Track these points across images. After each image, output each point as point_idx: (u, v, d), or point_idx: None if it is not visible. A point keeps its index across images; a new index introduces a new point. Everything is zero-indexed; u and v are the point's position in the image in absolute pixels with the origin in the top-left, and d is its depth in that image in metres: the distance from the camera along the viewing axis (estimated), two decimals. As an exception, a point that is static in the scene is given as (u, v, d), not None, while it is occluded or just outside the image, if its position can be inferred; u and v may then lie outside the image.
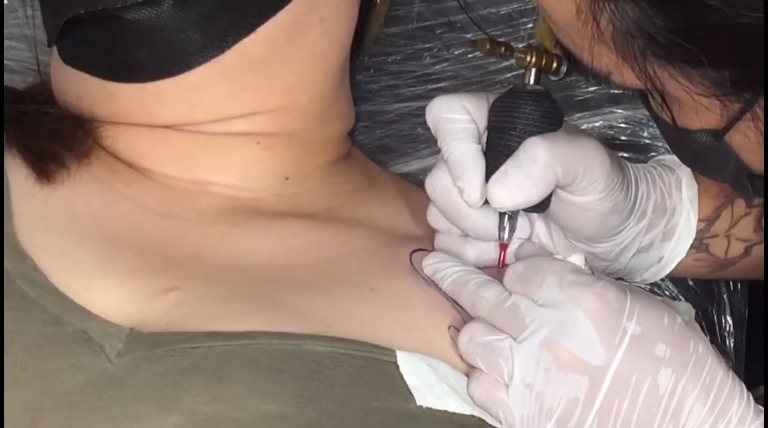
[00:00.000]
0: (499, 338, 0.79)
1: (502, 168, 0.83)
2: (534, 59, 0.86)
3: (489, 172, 0.84)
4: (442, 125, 0.86)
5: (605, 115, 1.10)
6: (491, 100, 0.87)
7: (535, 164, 0.82)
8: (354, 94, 1.05)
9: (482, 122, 0.87)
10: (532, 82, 0.86)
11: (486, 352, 0.79)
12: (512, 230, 0.87)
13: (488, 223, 0.87)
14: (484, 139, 0.87)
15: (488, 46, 0.86)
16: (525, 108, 0.85)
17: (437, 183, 0.87)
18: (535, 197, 0.83)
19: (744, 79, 0.66)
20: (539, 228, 0.91)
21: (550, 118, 0.85)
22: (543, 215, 0.90)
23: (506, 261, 0.88)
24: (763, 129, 0.68)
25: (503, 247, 0.88)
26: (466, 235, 0.89)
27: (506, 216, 0.86)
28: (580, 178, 0.84)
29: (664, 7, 0.64)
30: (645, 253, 0.94)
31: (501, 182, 0.82)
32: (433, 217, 0.90)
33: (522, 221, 0.89)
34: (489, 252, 0.89)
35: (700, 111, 0.70)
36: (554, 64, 0.86)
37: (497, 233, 0.87)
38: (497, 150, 0.85)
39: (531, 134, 0.84)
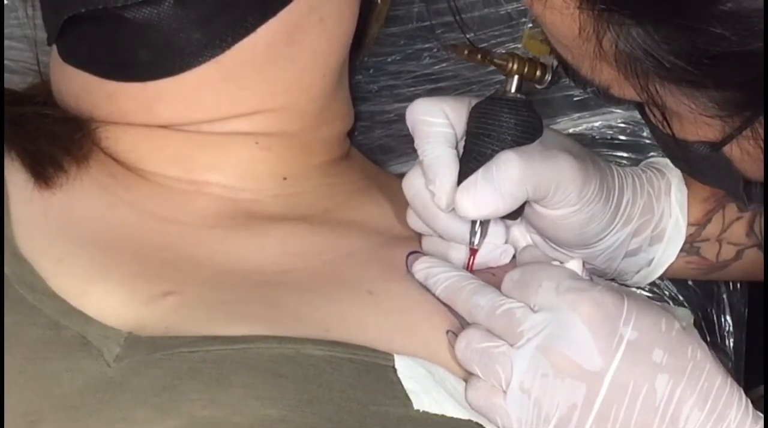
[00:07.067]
0: (496, 344, 0.79)
1: (472, 177, 0.83)
2: (516, 67, 0.86)
3: (461, 177, 0.85)
4: (419, 127, 0.87)
5: (605, 115, 1.10)
6: (474, 104, 0.87)
7: (506, 180, 0.82)
8: (354, 95, 1.05)
9: (461, 126, 0.87)
10: (513, 89, 0.86)
11: (483, 359, 0.79)
12: (483, 235, 0.88)
13: (459, 227, 0.87)
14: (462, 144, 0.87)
15: (466, 52, 0.86)
16: (501, 116, 0.84)
17: (412, 185, 0.88)
18: (501, 211, 0.83)
19: (747, 100, 0.66)
20: (520, 234, 0.92)
21: (526, 127, 0.85)
22: (523, 221, 0.90)
23: (474, 266, 0.89)
24: (761, 144, 0.68)
25: (473, 252, 0.89)
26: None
27: (477, 221, 0.87)
28: (552, 194, 0.84)
29: (671, 33, 0.64)
30: (634, 257, 0.95)
31: (469, 191, 0.83)
32: (411, 219, 0.91)
33: (496, 227, 0.90)
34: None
35: (700, 126, 0.70)
36: (537, 73, 0.86)
37: (468, 237, 0.87)
38: (471, 156, 0.85)
39: (505, 142, 0.84)
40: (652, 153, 1.07)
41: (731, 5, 0.61)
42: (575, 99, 1.09)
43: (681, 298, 1.09)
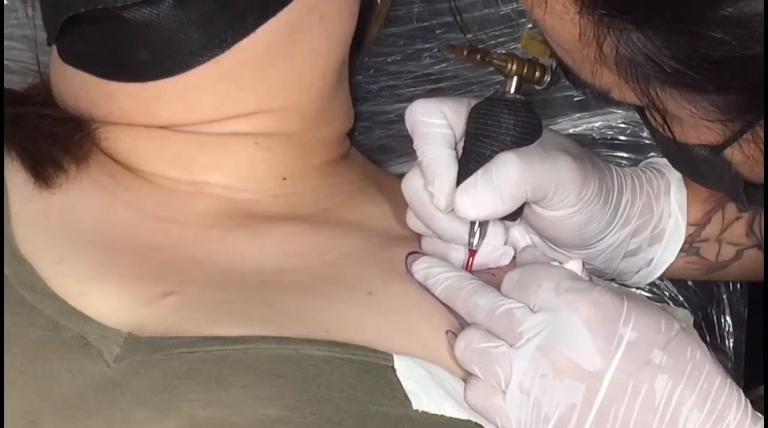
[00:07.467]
0: (495, 344, 0.79)
1: (471, 178, 0.83)
2: (515, 68, 0.86)
3: (460, 178, 0.85)
4: (418, 128, 0.87)
5: (605, 115, 1.10)
6: (473, 105, 0.87)
7: (505, 181, 0.82)
8: (354, 95, 1.05)
9: (460, 127, 0.87)
10: (512, 90, 0.86)
11: (483, 359, 0.79)
12: (482, 236, 0.87)
13: (458, 228, 0.87)
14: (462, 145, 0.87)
15: (466, 53, 0.87)
16: (500, 117, 0.85)
17: (411, 186, 0.88)
18: (500, 211, 0.83)
19: (748, 104, 0.66)
20: (519, 235, 0.92)
21: (525, 128, 0.85)
22: (522, 221, 0.90)
23: (474, 267, 0.89)
24: (762, 147, 0.68)
25: (472, 253, 0.89)
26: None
27: (476, 223, 0.87)
28: (551, 196, 0.84)
29: (672, 38, 0.64)
30: (633, 257, 0.95)
31: (468, 192, 0.83)
32: (411, 219, 0.91)
33: (495, 228, 0.90)
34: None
35: (701, 129, 0.70)
36: (536, 74, 0.86)
37: (467, 238, 0.87)
38: (470, 157, 0.85)
39: (504, 143, 0.84)
40: (651, 153, 1.07)
41: (731, 10, 0.61)
42: (575, 99, 1.09)
43: (681, 298, 1.09)
